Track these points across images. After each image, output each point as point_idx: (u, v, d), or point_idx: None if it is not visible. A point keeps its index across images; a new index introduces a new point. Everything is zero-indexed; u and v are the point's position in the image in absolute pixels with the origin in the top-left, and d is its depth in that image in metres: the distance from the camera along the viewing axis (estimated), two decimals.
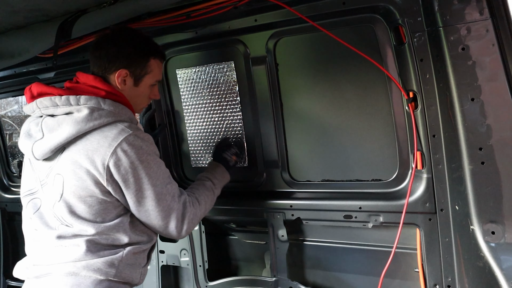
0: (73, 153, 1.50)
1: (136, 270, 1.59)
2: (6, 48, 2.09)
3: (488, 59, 1.44)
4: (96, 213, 1.51)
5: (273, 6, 1.79)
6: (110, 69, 1.63)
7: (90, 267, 1.48)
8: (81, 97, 1.52)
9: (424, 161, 1.69)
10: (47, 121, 1.56)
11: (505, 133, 1.47)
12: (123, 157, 1.47)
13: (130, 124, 1.56)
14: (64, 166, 1.52)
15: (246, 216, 2.21)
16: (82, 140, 1.50)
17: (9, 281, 3.18)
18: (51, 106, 1.55)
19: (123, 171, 1.48)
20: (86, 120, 1.48)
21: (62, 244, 1.52)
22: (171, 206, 1.58)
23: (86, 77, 1.61)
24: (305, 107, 1.98)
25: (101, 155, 1.46)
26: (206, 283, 2.36)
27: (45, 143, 1.53)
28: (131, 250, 1.55)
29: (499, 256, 1.51)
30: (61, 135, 1.50)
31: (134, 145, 1.49)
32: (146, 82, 1.69)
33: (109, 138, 1.48)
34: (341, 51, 1.80)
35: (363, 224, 1.88)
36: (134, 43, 1.65)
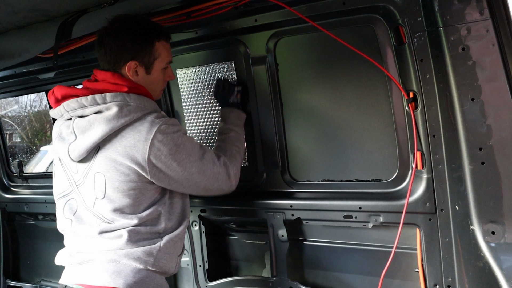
0: (110, 151, 1.55)
1: (173, 259, 1.66)
2: (6, 48, 2.09)
3: (488, 59, 1.44)
4: (138, 204, 1.58)
5: (273, 6, 1.79)
6: (119, 63, 1.64)
7: (130, 255, 1.55)
8: (106, 95, 1.55)
9: (424, 161, 1.69)
10: (78, 123, 1.60)
11: (505, 133, 1.47)
12: (161, 147, 1.53)
13: (157, 114, 1.60)
14: (103, 165, 1.56)
15: (246, 216, 2.21)
16: (116, 137, 1.54)
17: (9, 281, 3.18)
18: (78, 107, 1.58)
19: (164, 159, 1.54)
20: (118, 117, 1.52)
21: (104, 236, 1.59)
22: (215, 171, 1.69)
23: (105, 74, 1.63)
24: (305, 107, 1.98)
25: (140, 150, 1.52)
26: (206, 283, 2.36)
27: (80, 144, 1.57)
28: (168, 239, 1.62)
29: (499, 256, 1.51)
30: (95, 134, 1.54)
31: (168, 132, 1.55)
32: (157, 67, 1.69)
33: (143, 132, 1.53)
34: (341, 51, 1.80)
35: (363, 224, 1.88)
36: (134, 31, 1.64)
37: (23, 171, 3.16)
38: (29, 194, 3.07)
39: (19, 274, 3.27)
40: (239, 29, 1.98)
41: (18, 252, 3.27)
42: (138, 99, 1.58)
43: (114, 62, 1.64)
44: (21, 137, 4.44)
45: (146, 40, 1.65)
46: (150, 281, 1.59)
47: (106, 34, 1.65)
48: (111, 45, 1.62)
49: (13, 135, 4.53)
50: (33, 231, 3.18)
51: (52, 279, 3.11)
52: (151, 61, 1.67)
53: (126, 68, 1.63)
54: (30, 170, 3.33)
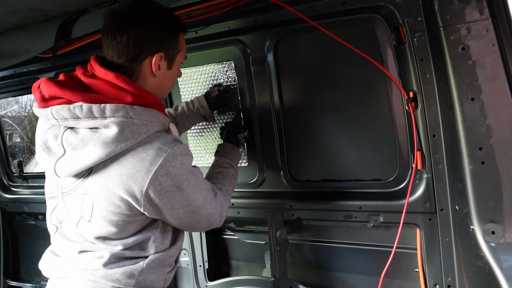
0: (104, 177, 1.31)
1: (160, 276, 1.48)
2: (6, 48, 2.09)
3: (488, 59, 1.45)
4: (124, 232, 1.40)
5: (273, 6, 1.79)
6: (141, 55, 1.37)
7: (108, 277, 1.39)
8: (106, 107, 1.26)
9: (424, 161, 1.69)
10: (68, 137, 1.32)
11: (505, 133, 1.47)
12: (164, 182, 1.31)
13: (165, 137, 1.34)
14: (93, 189, 1.34)
15: (246, 216, 2.21)
16: (113, 163, 1.29)
17: (9, 281, 3.18)
18: (71, 118, 1.29)
19: (164, 195, 1.33)
20: (117, 141, 1.26)
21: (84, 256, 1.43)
22: (210, 211, 1.50)
23: (106, 73, 1.32)
24: (305, 107, 1.98)
25: (139, 182, 1.28)
26: (206, 283, 2.36)
27: (71, 164, 1.31)
28: (153, 258, 1.44)
29: (499, 256, 1.51)
30: (88, 157, 1.28)
31: (175, 165, 1.32)
32: (178, 62, 1.48)
33: (146, 162, 1.28)
34: (341, 51, 1.80)
35: (363, 224, 1.88)
36: (162, 19, 1.39)
37: (23, 171, 3.16)
38: (29, 194, 3.07)
39: (19, 274, 3.27)
40: (239, 29, 1.98)
41: (18, 252, 3.26)
42: (143, 114, 1.31)
43: (135, 54, 1.36)
44: (21, 137, 4.44)
45: (173, 30, 1.42)
46: None
47: (128, 18, 1.33)
48: (137, 33, 1.33)
49: (13, 135, 4.52)
50: (33, 231, 3.18)
51: None
52: (175, 54, 1.45)
53: (150, 61, 1.38)
54: (30, 170, 3.33)
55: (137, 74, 1.40)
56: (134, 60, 1.37)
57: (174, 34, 1.43)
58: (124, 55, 1.36)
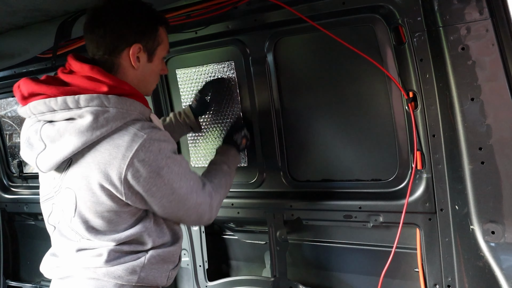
0: (82, 166, 1.33)
1: (163, 273, 1.48)
2: (6, 48, 2.09)
3: (488, 59, 1.45)
4: (115, 225, 1.39)
5: (273, 6, 1.79)
6: (118, 47, 1.40)
7: (110, 274, 1.39)
8: (80, 97, 1.29)
9: (424, 161, 1.69)
10: (46, 129, 1.35)
11: (505, 133, 1.47)
12: (141, 168, 1.30)
13: (142, 124, 1.35)
14: (74, 181, 1.36)
15: (246, 216, 2.21)
16: (90, 151, 1.31)
17: (9, 281, 3.18)
18: (47, 111, 1.33)
19: (144, 182, 1.32)
20: (92, 129, 1.27)
21: (83, 254, 1.44)
22: (198, 201, 1.48)
23: (81, 66, 1.36)
24: (305, 107, 1.98)
25: (116, 168, 1.28)
26: (206, 283, 2.36)
27: (49, 157, 1.34)
28: (154, 254, 1.44)
29: (499, 256, 1.51)
30: (65, 147, 1.31)
31: (152, 151, 1.31)
32: (159, 55, 1.50)
33: (122, 147, 1.28)
34: (341, 51, 1.80)
35: (363, 224, 1.88)
36: (139, 12, 1.44)
37: (23, 171, 3.16)
38: (29, 194, 3.07)
39: (19, 274, 3.28)
40: (239, 29, 1.98)
41: (18, 252, 3.27)
42: (119, 103, 1.31)
43: (113, 46, 1.39)
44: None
45: (151, 23, 1.46)
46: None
47: (105, 12, 1.40)
48: (114, 25, 1.38)
49: (13, 135, 4.52)
50: (33, 231, 3.18)
51: None
52: (155, 46, 1.47)
53: (128, 53, 1.41)
54: (30, 170, 3.33)
55: (117, 67, 1.43)
56: (112, 52, 1.40)
57: (152, 26, 1.46)
58: (103, 48, 1.40)
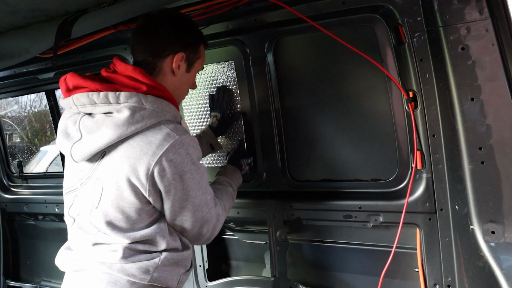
0: (114, 159, 1.40)
1: (174, 276, 1.52)
2: (6, 48, 2.09)
3: (487, 59, 1.45)
4: (133, 222, 1.44)
5: (273, 6, 1.79)
6: (164, 52, 1.50)
7: (124, 271, 1.44)
8: (120, 94, 1.38)
9: (424, 161, 1.69)
10: (85, 121, 1.44)
11: (505, 133, 1.47)
12: (168, 167, 1.36)
13: (176, 125, 1.43)
14: (104, 172, 1.42)
15: (246, 216, 2.21)
16: (123, 145, 1.38)
17: (9, 281, 3.18)
18: (89, 104, 1.42)
19: (166, 182, 1.38)
20: (128, 124, 1.35)
21: (99, 248, 1.48)
22: (206, 217, 1.52)
23: (125, 67, 1.46)
24: (305, 107, 1.98)
25: (145, 164, 1.35)
26: (206, 283, 2.36)
27: (85, 146, 1.42)
28: (168, 257, 1.48)
29: (499, 255, 1.51)
30: (101, 139, 1.38)
31: (180, 153, 1.38)
32: (196, 68, 1.63)
33: (154, 145, 1.35)
34: (341, 51, 1.80)
35: (363, 224, 1.88)
36: (189, 26, 1.57)
37: (23, 171, 3.16)
38: (29, 194, 3.07)
39: (19, 274, 3.28)
40: (239, 29, 1.98)
41: (18, 252, 3.27)
42: (155, 102, 1.40)
43: (159, 50, 1.50)
44: (21, 137, 4.45)
45: (196, 38, 1.60)
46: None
47: (159, 19, 1.52)
48: (165, 31, 1.50)
49: (13, 135, 4.52)
50: (33, 231, 3.18)
51: (52, 279, 3.12)
52: (195, 59, 1.60)
53: (171, 59, 1.51)
54: (30, 170, 3.34)
55: (158, 70, 1.52)
56: (158, 55, 1.50)
57: (196, 41, 1.59)
58: (149, 50, 1.51)
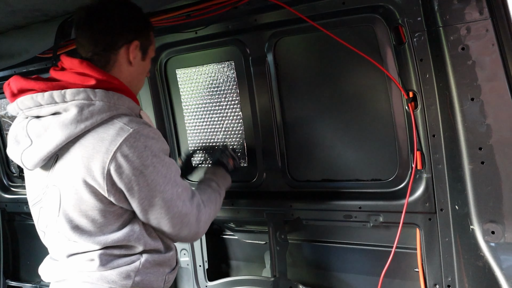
0: (67, 161, 1.30)
1: (159, 277, 1.44)
2: (6, 48, 2.09)
3: (488, 59, 1.45)
4: (101, 226, 1.34)
5: (273, 6, 1.79)
6: (117, 43, 1.39)
7: (104, 279, 1.36)
8: (66, 91, 1.27)
9: (424, 161, 1.69)
10: (32, 125, 1.34)
11: (505, 133, 1.47)
12: (124, 163, 1.25)
13: (131, 118, 1.32)
14: (59, 177, 1.33)
15: (246, 216, 2.21)
16: (75, 145, 1.28)
17: (9, 281, 3.18)
18: (34, 106, 1.32)
19: (126, 179, 1.27)
20: (76, 122, 1.25)
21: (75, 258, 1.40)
22: (183, 211, 1.40)
23: (71, 62, 1.35)
24: (305, 107, 1.98)
25: (99, 162, 1.25)
26: (206, 283, 2.36)
27: (34, 152, 1.32)
28: (149, 259, 1.40)
29: (499, 256, 1.51)
30: (50, 142, 1.28)
31: (137, 146, 1.26)
32: (150, 54, 1.53)
33: (106, 141, 1.25)
34: (341, 51, 1.80)
35: (363, 224, 1.88)
36: (137, 11, 1.46)
37: (23, 171, 3.15)
38: None
39: (19, 274, 3.27)
40: (239, 29, 1.98)
41: (18, 252, 3.26)
42: (106, 96, 1.29)
43: (111, 42, 1.38)
44: None
45: (145, 24, 1.49)
46: None
47: (104, 9, 1.39)
48: (113, 21, 1.38)
49: None
50: (33, 231, 3.14)
51: None
52: (148, 45, 1.49)
53: (126, 50, 1.41)
54: None
55: (113, 63, 1.41)
56: (111, 48, 1.39)
57: (146, 27, 1.49)
58: (100, 44, 1.38)
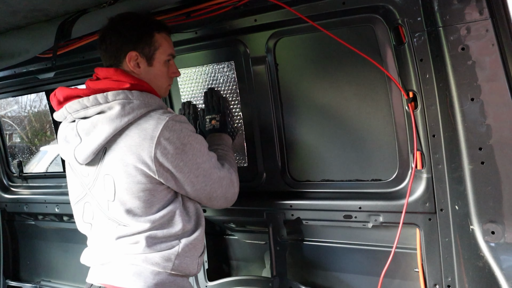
0: (116, 152, 1.52)
1: (193, 261, 1.64)
2: (6, 48, 2.09)
3: (488, 59, 1.45)
4: (150, 205, 1.55)
5: (273, 6, 1.79)
6: (119, 56, 1.62)
7: (149, 260, 1.54)
8: (108, 93, 1.52)
9: (424, 161, 1.69)
10: (81, 124, 1.57)
11: (505, 133, 1.47)
12: (168, 145, 1.49)
13: (163, 111, 1.56)
14: (111, 166, 1.54)
15: (246, 216, 2.21)
16: (121, 137, 1.51)
17: (9, 281, 3.18)
18: (81, 108, 1.56)
19: (171, 158, 1.51)
20: (120, 116, 1.49)
21: (122, 241, 1.57)
22: (221, 175, 1.67)
23: (107, 71, 1.60)
24: (305, 107, 1.98)
25: (146, 148, 1.48)
26: (206, 283, 2.36)
27: (86, 147, 1.54)
28: (186, 243, 1.60)
29: (499, 256, 1.51)
30: (99, 136, 1.51)
31: (175, 130, 1.51)
32: (159, 59, 1.67)
33: (149, 129, 1.49)
34: (341, 51, 1.80)
35: (363, 224, 1.88)
36: (133, 23, 1.64)
37: (23, 171, 3.16)
38: (29, 194, 3.07)
39: (19, 274, 3.28)
40: (239, 29, 1.98)
41: (18, 252, 3.27)
42: (141, 96, 1.54)
43: (115, 56, 1.63)
44: (21, 137, 4.44)
45: (145, 31, 1.64)
46: (171, 283, 1.58)
47: (107, 29, 1.65)
48: (111, 38, 1.62)
49: (13, 135, 4.52)
50: (33, 231, 3.18)
51: (52, 279, 3.11)
52: (152, 51, 1.64)
53: (127, 60, 1.61)
54: (30, 170, 3.33)
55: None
56: (116, 61, 1.63)
57: (147, 33, 1.64)
58: (110, 58, 1.65)
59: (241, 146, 2.17)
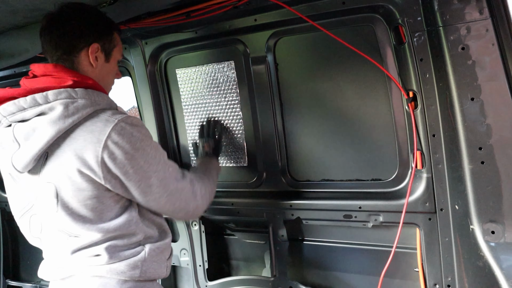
0: (59, 157, 1.35)
1: (161, 265, 1.54)
2: (6, 48, 2.09)
3: (488, 59, 1.45)
4: (100, 212, 1.40)
5: (273, 6, 1.79)
6: (77, 46, 1.45)
7: (113, 271, 1.42)
8: (48, 93, 1.34)
9: (424, 161, 1.69)
10: (19, 128, 1.38)
11: (505, 132, 1.47)
12: (116, 150, 1.33)
13: (113, 111, 1.40)
14: (53, 172, 1.37)
15: (246, 216, 2.21)
16: (65, 140, 1.34)
17: (9, 281, 3.18)
18: (17, 111, 1.37)
19: (120, 164, 1.35)
20: (63, 117, 1.32)
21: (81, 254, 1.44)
22: (179, 187, 1.51)
23: (45, 67, 1.42)
24: (305, 107, 1.98)
25: (92, 152, 1.32)
26: (206, 283, 2.36)
27: (25, 153, 1.36)
28: (153, 247, 1.49)
29: (499, 255, 1.51)
30: (40, 140, 1.34)
31: (125, 133, 1.35)
32: (115, 57, 1.56)
33: (96, 132, 1.33)
34: (341, 51, 1.80)
35: (363, 223, 1.88)
36: (96, 15, 1.51)
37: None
38: None
39: (19, 274, 3.27)
40: (239, 29, 1.98)
41: (18, 252, 3.26)
42: (86, 94, 1.37)
43: (72, 45, 1.44)
44: None
45: (108, 26, 1.53)
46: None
47: (63, 14, 1.45)
48: (74, 24, 1.43)
49: None
50: None
51: None
52: (111, 48, 1.54)
53: (86, 52, 1.46)
54: None
55: (77, 65, 1.47)
56: (71, 51, 1.45)
57: (108, 29, 1.53)
58: (61, 47, 1.44)
59: (241, 146, 2.17)
